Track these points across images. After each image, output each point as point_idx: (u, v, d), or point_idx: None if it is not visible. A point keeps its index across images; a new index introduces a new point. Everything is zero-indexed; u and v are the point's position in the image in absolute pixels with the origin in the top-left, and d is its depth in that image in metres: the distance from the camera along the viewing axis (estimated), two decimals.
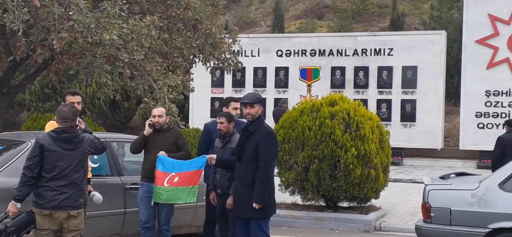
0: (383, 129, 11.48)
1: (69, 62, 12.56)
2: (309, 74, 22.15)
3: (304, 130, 10.88)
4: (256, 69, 22.62)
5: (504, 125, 12.80)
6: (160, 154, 7.84)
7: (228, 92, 22.20)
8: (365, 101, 19.71)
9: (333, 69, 21.91)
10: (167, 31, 13.40)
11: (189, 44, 13.60)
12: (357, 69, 21.67)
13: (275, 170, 7.48)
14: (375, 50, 21.52)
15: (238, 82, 22.60)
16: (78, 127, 6.45)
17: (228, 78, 21.84)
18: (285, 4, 34.87)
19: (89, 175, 7.22)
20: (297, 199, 11.60)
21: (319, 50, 22.11)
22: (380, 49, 21.47)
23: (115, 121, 25.08)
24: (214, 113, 21.50)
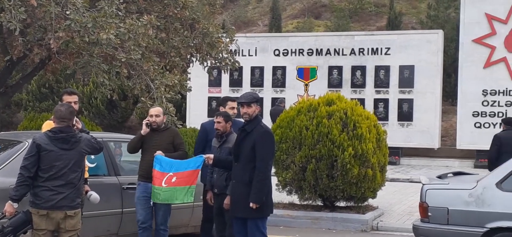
0: (380, 128, 11.49)
1: (66, 62, 12.54)
2: (306, 74, 22.15)
3: (301, 129, 10.88)
4: (253, 68, 22.61)
5: (501, 123, 12.82)
6: (157, 153, 7.83)
7: (225, 91, 22.19)
8: (362, 100, 19.69)
9: (330, 68, 21.91)
10: (164, 30, 13.38)
11: (186, 43, 13.58)
12: (354, 69, 21.68)
13: (272, 169, 7.48)
14: (372, 49, 21.53)
15: (236, 82, 22.59)
16: (75, 127, 6.45)
17: (225, 77, 21.84)
18: (282, 3, 34.87)
19: (86, 175, 7.20)
20: (295, 198, 11.60)
21: (316, 50, 22.11)
22: (377, 48, 21.48)
23: (112, 120, 25.05)
24: (211, 112, 21.48)
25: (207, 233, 8.53)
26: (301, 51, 22.26)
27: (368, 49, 21.58)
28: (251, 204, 6.83)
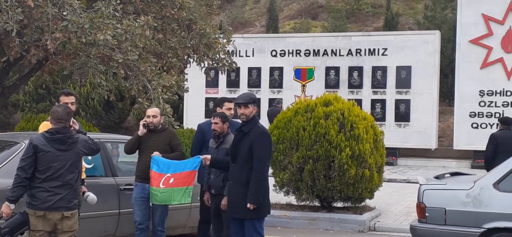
0: (377, 129, 11.49)
1: (63, 63, 12.51)
2: (303, 74, 22.15)
3: (298, 130, 10.88)
4: (250, 69, 22.61)
5: (497, 124, 12.83)
6: (155, 154, 7.83)
7: (223, 92, 22.19)
8: (359, 101, 19.72)
9: (328, 69, 21.92)
10: (161, 31, 13.37)
11: (184, 44, 13.57)
12: (351, 69, 21.68)
13: (269, 170, 7.48)
14: (369, 50, 21.54)
15: (233, 83, 22.59)
16: (72, 128, 6.44)
17: (222, 78, 21.83)
18: (280, 4, 34.88)
19: (83, 176, 7.20)
20: (292, 199, 11.60)
21: (314, 50, 22.11)
22: (374, 49, 21.49)
23: (109, 121, 25.03)
24: (208, 113, 21.47)
25: (204, 234, 8.53)
26: (298, 52, 22.27)
27: (365, 50, 21.59)
28: (248, 205, 6.83)
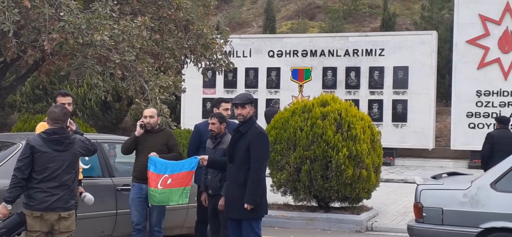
0: (374, 129, 11.50)
1: (60, 63, 12.50)
2: (300, 75, 22.16)
3: (295, 130, 10.88)
4: (247, 70, 22.61)
5: (494, 124, 12.84)
6: (152, 155, 7.82)
7: (220, 93, 22.18)
8: (356, 101, 19.72)
9: (325, 69, 21.92)
10: (158, 31, 13.36)
11: (181, 45, 13.57)
12: (348, 70, 21.70)
13: (266, 170, 7.48)
14: (366, 50, 21.56)
15: (230, 83, 22.58)
16: (69, 128, 6.43)
17: (219, 79, 21.82)
18: (277, 4, 34.88)
19: (80, 176, 7.19)
20: (289, 199, 11.60)
21: (311, 51, 22.12)
22: (371, 49, 21.50)
23: (107, 122, 25.01)
24: (205, 114, 21.46)
25: (201, 234, 8.52)
26: (295, 52, 22.27)
27: (362, 50, 21.61)
28: (245, 205, 6.83)
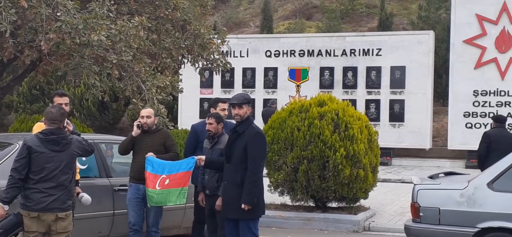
0: (371, 129, 11.50)
1: (57, 64, 12.49)
2: (298, 75, 22.16)
3: (293, 130, 10.88)
4: (245, 69, 22.60)
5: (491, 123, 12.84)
6: (149, 155, 7.81)
7: (217, 93, 22.18)
8: (353, 101, 19.73)
9: (322, 69, 21.92)
10: (155, 32, 13.36)
11: (178, 45, 13.56)
12: (345, 70, 21.70)
13: (264, 170, 7.47)
14: (363, 50, 21.56)
15: (227, 83, 22.57)
16: (66, 129, 6.42)
17: (217, 79, 21.81)
18: (274, 4, 34.88)
19: (78, 177, 7.18)
20: (286, 199, 11.59)
21: (308, 51, 22.12)
22: (368, 49, 21.51)
23: (104, 122, 24.99)
24: (203, 114, 21.45)
25: (198, 234, 8.52)
26: (292, 52, 22.27)
27: (360, 50, 21.61)
28: (243, 205, 6.82)
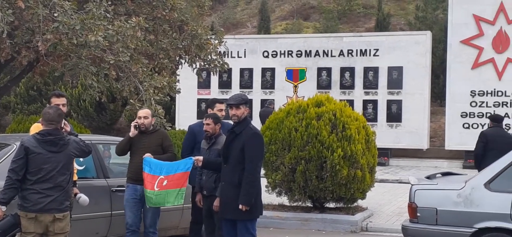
0: (369, 130, 11.51)
1: (54, 64, 12.47)
2: (295, 75, 22.17)
3: (290, 130, 10.88)
4: (242, 70, 22.60)
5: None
6: (146, 156, 7.81)
7: (215, 93, 22.18)
8: (351, 102, 19.75)
9: (319, 70, 21.93)
10: (152, 32, 13.35)
11: (175, 45, 13.55)
12: (343, 70, 21.71)
13: (261, 171, 7.47)
14: (361, 50, 21.58)
15: (225, 84, 22.58)
16: (63, 129, 6.42)
17: (214, 79, 21.79)
18: (271, 5, 34.89)
19: (75, 178, 7.18)
20: (284, 200, 11.60)
21: (305, 51, 22.13)
22: (366, 49, 21.53)
23: (101, 122, 24.98)
24: (200, 114, 21.43)
25: (196, 235, 8.52)
26: (290, 52, 22.27)
27: (357, 50, 21.63)
28: (240, 206, 6.82)
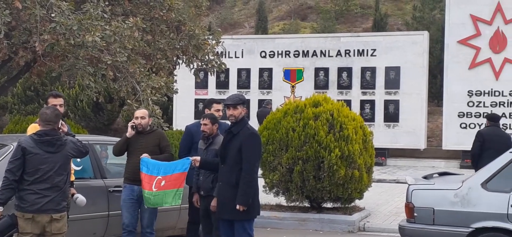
0: (366, 130, 11.52)
1: (51, 65, 12.47)
2: (292, 75, 22.18)
3: (288, 131, 10.89)
4: (240, 70, 22.61)
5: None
6: (143, 156, 7.80)
7: (212, 93, 22.18)
8: (348, 102, 19.73)
9: (317, 70, 21.95)
10: (150, 32, 13.35)
11: (172, 45, 13.56)
12: (340, 70, 21.73)
13: (259, 171, 7.48)
14: (358, 51, 21.60)
15: (222, 84, 22.58)
16: (60, 130, 6.42)
17: (212, 79, 21.81)
18: (269, 5, 34.90)
19: (72, 178, 7.17)
20: (282, 200, 11.60)
21: (303, 51, 22.14)
22: (363, 50, 21.55)
23: (98, 123, 24.97)
24: (198, 115, 21.43)
25: (193, 235, 8.52)
26: (287, 53, 22.28)
27: (354, 50, 21.64)
28: (237, 206, 6.83)
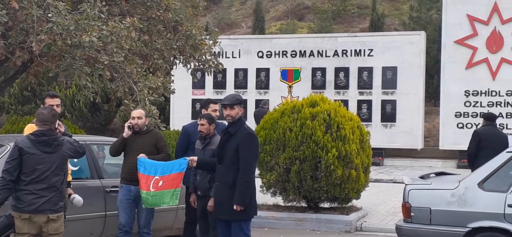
0: (363, 130, 11.52)
1: (48, 65, 12.45)
2: (290, 75, 22.19)
3: (285, 131, 10.89)
4: (237, 70, 22.62)
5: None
6: (140, 156, 7.80)
7: (209, 93, 22.19)
8: (345, 102, 19.76)
9: (314, 70, 21.96)
10: (147, 32, 13.34)
11: (170, 45, 13.55)
12: (337, 70, 21.75)
13: (256, 171, 7.48)
14: (355, 51, 21.62)
15: (219, 84, 22.58)
16: (57, 130, 6.41)
17: (209, 79, 21.81)
18: (266, 5, 34.91)
19: (69, 178, 7.17)
20: (279, 200, 11.60)
21: (300, 51, 22.15)
22: (360, 50, 21.57)
23: (95, 123, 24.95)
24: (195, 115, 21.42)
25: (190, 235, 8.52)
26: (284, 53, 22.30)
27: (351, 50, 21.66)
28: (235, 206, 6.83)
